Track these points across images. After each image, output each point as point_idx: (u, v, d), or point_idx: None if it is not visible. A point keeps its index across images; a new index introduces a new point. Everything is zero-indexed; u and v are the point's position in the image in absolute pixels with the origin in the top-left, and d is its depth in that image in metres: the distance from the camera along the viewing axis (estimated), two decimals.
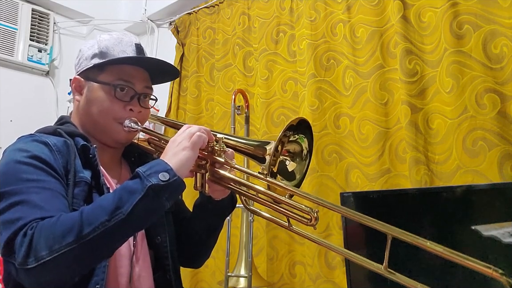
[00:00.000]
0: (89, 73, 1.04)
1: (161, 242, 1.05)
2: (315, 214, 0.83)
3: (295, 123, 0.94)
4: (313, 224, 0.84)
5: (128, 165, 1.13)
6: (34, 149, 0.91)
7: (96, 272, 0.88)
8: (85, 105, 1.04)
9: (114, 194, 0.83)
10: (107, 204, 0.81)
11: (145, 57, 1.09)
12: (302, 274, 1.84)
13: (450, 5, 1.60)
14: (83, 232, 0.77)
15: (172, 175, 0.84)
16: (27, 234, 0.78)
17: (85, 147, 0.98)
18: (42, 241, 0.77)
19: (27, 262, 0.76)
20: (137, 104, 1.04)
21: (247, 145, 0.98)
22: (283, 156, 0.96)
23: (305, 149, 0.97)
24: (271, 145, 0.92)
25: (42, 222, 0.79)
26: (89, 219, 0.78)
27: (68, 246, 0.76)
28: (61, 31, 2.90)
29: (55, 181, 0.89)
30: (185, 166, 0.88)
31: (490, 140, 1.46)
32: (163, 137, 1.09)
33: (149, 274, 1.00)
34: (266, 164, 0.90)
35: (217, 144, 0.95)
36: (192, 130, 0.92)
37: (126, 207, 0.79)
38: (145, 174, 0.83)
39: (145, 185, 0.81)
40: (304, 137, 0.97)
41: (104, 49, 1.04)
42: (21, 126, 2.39)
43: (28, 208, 0.82)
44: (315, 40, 1.97)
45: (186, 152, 0.89)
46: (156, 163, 0.87)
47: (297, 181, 0.97)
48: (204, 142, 0.92)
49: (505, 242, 1.17)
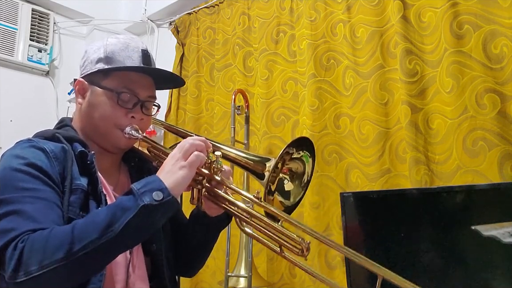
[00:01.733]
0: (93, 77, 1.04)
1: (157, 249, 1.04)
2: (306, 245, 0.82)
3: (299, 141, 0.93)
4: (304, 255, 0.83)
5: (127, 170, 1.13)
6: (31, 155, 0.91)
7: (93, 280, 0.88)
8: (87, 109, 1.04)
9: (108, 210, 0.83)
10: (99, 220, 0.80)
11: (150, 68, 1.07)
12: (302, 274, 1.83)
13: (450, 5, 1.60)
14: (73, 249, 0.76)
15: (166, 195, 0.83)
16: (17, 247, 0.77)
17: (83, 154, 0.97)
18: (33, 256, 0.76)
19: (17, 276, 0.76)
20: (139, 111, 1.03)
21: (246, 160, 0.97)
22: (283, 174, 0.95)
23: (307, 174, 0.96)
24: (271, 162, 0.91)
25: (33, 235, 0.79)
26: (80, 235, 0.78)
27: (58, 263, 0.76)
28: (61, 31, 2.90)
29: (50, 190, 0.88)
30: (180, 185, 0.87)
31: (490, 140, 1.46)
32: (162, 149, 1.07)
33: (145, 281, 0.99)
34: (264, 182, 0.89)
35: (214, 162, 0.93)
36: (191, 148, 0.90)
37: (118, 225, 0.79)
38: (139, 192, 0.82)
39: (138, 204, 0.80)
40: (309, 156, 0.95)
41: (110, 54, 1.03)
42: (21, 126, 2.44)
43: (21, 219, 0.81)
44: (315, 40, 1.97)
45: (182, 172, 0.87)
46: (152, 180, 0.86)
47: (291, 204, 0.96)
48: (202, 161, 0.91)
49: (505, 242, 1.17)
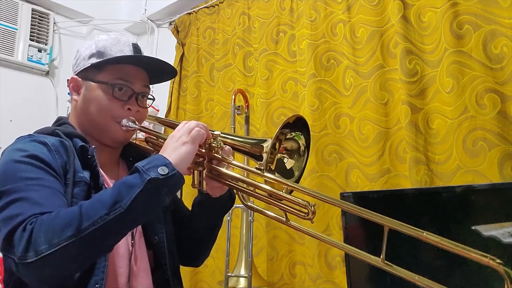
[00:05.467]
0: (87, 73, 1.04)
1: (159, 241, 1.05)
2: (312, 208, 0.83)
3: (292, 121, 0.94)
4: (310, 218, 0.84)
5: (126, 165, 1.13)
6: (32, 148, 0.91)
7: (96, 272, 0.89)
8: (83, 104, 1.04)
9: (113, 188, 0.83)
10: (106, 198, 0.81)
11: (143, 56, 1.10)
12: (302, 274, 1.83)
13: (450, 5, 1.60)
14: (82, 226, 0.77)
15: (171, 169, 0.84)
16: (26, 228, 0.78)
17: (83, 148, 0.98)
18: (42, 235, 0.77)
19: (27, 256, 0.76)
20: (135, 103, 1.04)
21: (243, 143, 0.98)
22: (281, 154, 0.96)
23: (302, 145, 0.97)
24: (268, 142, 0.92)
25: (42, 217, 0.79)
26: (88, 213, 0.78)
27: (68, 240, 0.76)
28: (61, 31, 2.90)
29: (53, 179, 0.89)
30: (184, 160, 0.88)
31: (490, 140, 1.46)
32: (160, 135, 1.09)
33: (147, 273, 1.00)
34: (263, 162, 0.90)
35: (214, 141, 0.95)
36: (191, 125, 0.92)
37: (125, 201, 0.79)
38: (144, 168, 0.83)
39: (144, 179, 0.81)
40: (301, 135, 0.96)
41: (102, 49, 1.04)
42: (21, 126, 2.39)
43: (27, 204, 0.82)
44: (315, 40, 1.97)
45: (185, 147, 0.89)
46: (155, 157, 0.87)
47: (296, 178, 0.96)
48: (203, 137, 0.92)
49: (505, 242, 1.16)
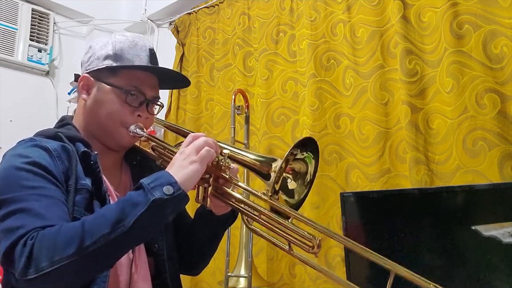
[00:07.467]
0: (100, 74, 1.03)
1: (159, 249, 1.04)
2: (317, 242, 0.81)
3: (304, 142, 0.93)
4: (314, 252, 0.81)
5: (129, 169, 1.12)
6: (34, 155, 0.90)
7: (97, 281, 0.87)
8: (93, 106, 1.03)
9: (117, 205, 0.82)
10: (109, 215, 0.80)
11: (162, 68, 1.08)
12: (302, 274, 1.83)
13: (450, 5, 1.60)
14: (84, 244, 0.76)
15: (176, 189, 0.82)
16: (27, 244, 0.77)
17: (85, 154, 0.96)
18: (43, 252, 0.76)
19: (27, 272, 0.75)
20: (145, 110, 1.04)
21: (253, 161, 0.96)
22: (286, 174, 0.94)
23: (309, 174, 0.95)
24: (277, 162, 0.90)
25: (43, 232, 0.78)
26: (90, 230, 0.78)
27: (69, 258, 0.75)
28: (61, 31, 2.90)
29: (55, 188, 0.88)
30: (190, 180, 0.87)
31: (490, 140, 1.45)
32: (168, 147, 1.06)
33: (147, 281, 0.99)
34: (270, 182, 0.89)
35: (222, 159, 0.93)
36: (201, 143, 0.90)
37: (128, 220, 0.78)
38: (149, 186, 0.82)
39: (148, 199, 0.80)
40: (312, 158, 0.95)
41: (119, 52, 1.02)
42: (21, 126, 2.43)
43: (28, 216, 0.81)
44: (315, 40, 1.97)
45: (193, 166, 0.87)
46: (161, 175, 0.85)
47: (296, 202, 0.95)
48: (212, 157, 0.90)
49: (505, 242, 1.16)
